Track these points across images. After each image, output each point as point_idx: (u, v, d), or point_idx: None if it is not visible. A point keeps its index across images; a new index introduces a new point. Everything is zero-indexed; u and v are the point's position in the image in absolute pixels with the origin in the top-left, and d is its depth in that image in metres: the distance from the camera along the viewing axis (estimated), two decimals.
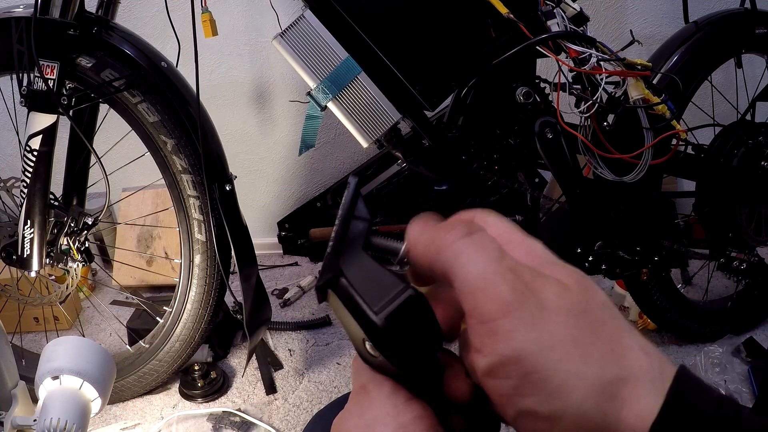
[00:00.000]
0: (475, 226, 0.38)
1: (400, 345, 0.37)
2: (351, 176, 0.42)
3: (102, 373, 1.37)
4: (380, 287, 0.37)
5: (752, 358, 1.82)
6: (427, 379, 0.39)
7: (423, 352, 0.38)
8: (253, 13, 2.22)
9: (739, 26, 1.70)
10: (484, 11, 1.38)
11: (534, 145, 1.49)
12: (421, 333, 0.37)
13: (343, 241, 0.39)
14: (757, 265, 1.79)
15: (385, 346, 0.37)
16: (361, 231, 0.40)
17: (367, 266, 0.38)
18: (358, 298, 0.37)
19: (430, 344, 0.38)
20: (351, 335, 0.40)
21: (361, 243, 0.39)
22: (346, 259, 0.38)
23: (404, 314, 0.36)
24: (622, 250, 1.61)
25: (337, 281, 0.38)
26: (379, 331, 0.36)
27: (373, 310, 0.36)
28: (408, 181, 2.02)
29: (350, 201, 0.41)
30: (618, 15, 2.21)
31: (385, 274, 0.37)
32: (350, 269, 0.38)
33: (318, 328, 2.12)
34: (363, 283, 0.37)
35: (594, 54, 1.39)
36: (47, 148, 1.51)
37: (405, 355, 0.38)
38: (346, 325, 0.39)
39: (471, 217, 0.41)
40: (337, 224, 0.40)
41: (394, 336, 0.36)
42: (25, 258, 1.60)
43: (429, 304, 0.37)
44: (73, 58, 1.50)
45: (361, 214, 0.41)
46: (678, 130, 1.48)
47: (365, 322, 0.37)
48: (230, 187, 1.60)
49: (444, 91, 1.43)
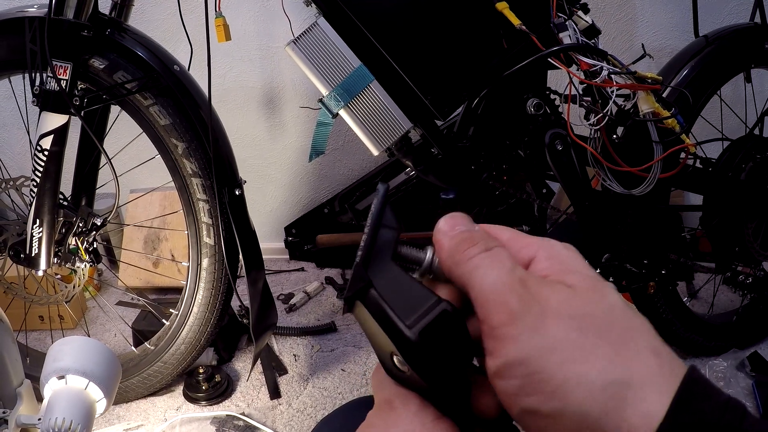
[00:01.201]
0: (493, 241, 0.40)
1: (433, 360, 0.37)
2: (380, 183, 0.41)
3: (108, 374, 1.37)
4: (412, 300, 0.37)
5: (757, 372, 1.81)
6: (456, 394, 0.39)
7: (455, 368, 0.38)
8: (265, 19, 2.22)
9: (749, 41, 1.70)
10: (497, 22, 1.39)
11: (543, 156, 1.49)
12: (453, 348, 0.37)
13: (371, 251, 0.38)
14: (763, 279, 1.79)
15: (417, 360, 0.37)
16: (389, 240, 0.39)
17: (398, 278, 0.38)
18: (390, 311, 0.36)
19: (461, 359, 0.38)
20: (377, 348, 0.39)
21: (390, 253, 0.39)
22: (375, 269, 0.38)
23: (438, 329, 0.36)
24: (630, 262, 1.61)
25: (367, 292, 0.37)
26: (412, 346, 0.36)
27: (405, 324, 0.36)
28: (416, 190, 2.02)
29: (379, 209, 0.40)
30: (629, 28, 2.22)
31: (416, 286, 0.37)
32: (380, 280, 0.37)
33: (323, 334, 2.13)
34: (394, 295, 0.37)
35: (605, 67, 1.39)
36: (58, 148, 1.51)
37: (436, 370, 0.37)
38: (373, 337, 0.39)
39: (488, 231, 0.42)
40: (366, 233, 0.39)
41: (426, 351, 0.36)
42: (33, 257, 1.60)
43: (462, 318, 0.37)
44: (86, 59, 1.50)
45: (389, 222, 0.40)
46: (687, 144, 1.48)
47: (397, 336, 0.36)
48: (240, 191, 1.60)
49: (455, 101, 1.43)
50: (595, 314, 0.37)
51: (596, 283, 0.38)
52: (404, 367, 0.38)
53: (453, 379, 0.38)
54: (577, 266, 0.40)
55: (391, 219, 0.40)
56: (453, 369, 0.38)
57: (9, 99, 2.07)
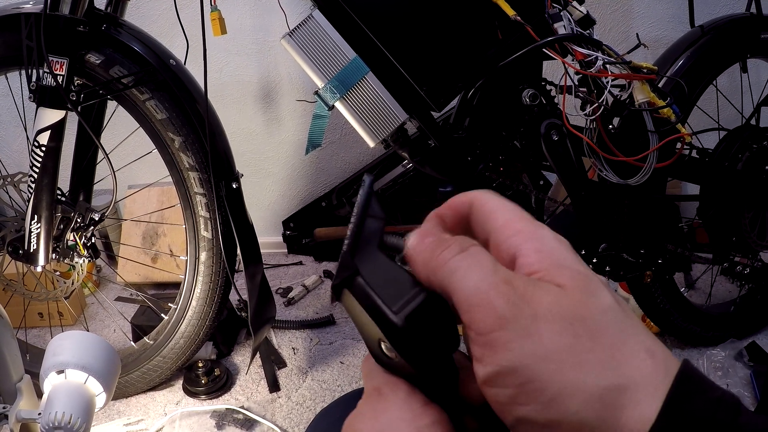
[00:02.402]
0: (468, 240, 0.38)
1: (419, 345, 0.37)
2: (366, 174, 0.41)
3: (107, 368, 1.37)
4: (398, 287, 0.37)
5: (754, 362, 1.82)
6: (444, 379, 0.39)
7: (441, 352, 0.38)
8: (260, 12, 2.22)
9: (745, 31, 1.70)
10: (492, 13, 1.39)
11: (539, 147, 1.49)
12: (439, 333, 0.37)
13: (358, 240, 0.38)
14: (760, 269, 1.79)
15: (403, 346, 0.37)
16: (376, 230, 0.39)
17: (384, 265, 0.38)
18: (376, 298, 0.36)
19: (448, 344, 0.37)
20: (365, 335, 0.39)
21: (377, 242, 0.39)
22: (361, 258, 0.38)
23: (423, 314, 0.36)
24: (626, 252, 1.62)
25: (354, 280, 0.37)
26: (399, 331, 0.36)
27: (392, 310, 0.36)
28: (413, 182, 2.02)
29: (365, 199, 0.40)
30: (624, 18, 2.22)
31: (402, 273, 0.37)
32: (366, 268, 0.37)
33: (322, 327, 2.13)
34: (380, 282, 0.37)
35: (600, 57, 1.39)
36: (55, 143, 1.51)
37: (423, 355, 0.37)
38: (361, 325, 0.39)
39: (469, 200, 0.41)
40: (353, 222, 0.39)
41: (413, 336, 0.36)
42: (32, 253, 1.61)
43: (447, 304, 0.37)
44: (82, 55, 1.50)
45: (375, 212, 0.40)
46: (683, 134, 1.48)
47: (383, 322, 0.36)
48: (237, 184, 1.61)
49: (451, 92, 1.44)
50: (589, 317, 0.35)
51: (588, 282, 0.36)
52: (392, 354, 0.38)
53: (440, 364, 0.38)
54: (567, 261, 0.37)
55: (377, 209, 0.40)
56: (439, 354, 0.38)
57: (6, 95, 2.08)
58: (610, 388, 0.33)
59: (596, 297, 0.36)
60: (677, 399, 0.32)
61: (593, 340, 0.34)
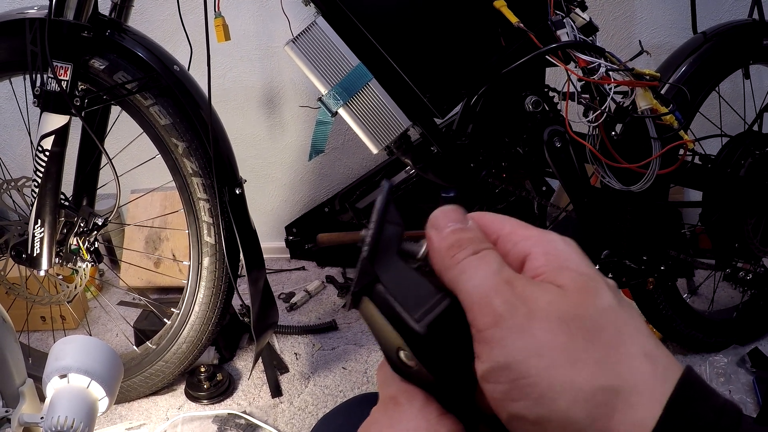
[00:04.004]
0: (483, 243, 0.39)
1: (440, 353, 0.37)
2: (384, 180, 0.41)
3: (110, 372, 1.37)
4: (419, 294, 0.37)
5: (757, 368, 1.82)
6: (462, 388, 0.39)
7: (462, 361, 0.37)
8: (264, 19, 2.23)
9: (747, 37, 1.70)
10: (495, 20, 1.39)
11: (542, 153, 1.49)
12: (460, 341, 0.37)
13: (377, 247, 0.38)
14: (763, 275, 1.79)
15: (425, 354, 0.37)
16: (394, 236, 0.39)
17: (404, 272, 0.38)
18: (397, 305, 0.37)
19: (468, 353, 0.37)
20: (383, 343, 0.39)
21: (396, 249, 0.39)
22: (381, 264, 0.38)
23: (445, 322, 0.36)
24: (629, 259, 1.62)
25: (373, 287, 0.38)
26: (421, 339, 0.36)
27: (413, 318, 0.36)
28: (416, 189, 2.02)
29: (384, 205, 0.40)
30: (627, 25, 2.22)
31: (423, 281, 0.37)
32: (386, 275, 0.38)
33: (324, 332, 2.13)
34: (401, 289, 0.37)
35: (603, 64, 1.39)
36: (59, 148, 1.52)
37: (444, 363, 0.37)
38: (379, 332, 0.39)
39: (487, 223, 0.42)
40: (372, 229, 0.39)
41: (434, 344, 0.36)
42: (35, 257, 1.61)
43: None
44: (86, 60, 1.51)
45: (393, 219, 0.40)
46: (685, 141, 1.48)
47: (404, 330, 0.36)
48: (240, 190, 1.61)
49: (454, 98, 1.44)
50: (585, 316, 0.35)
51: (589, 283, 0.37)
52: (411, 362, 0.38)
53: (459, 373, 0.38)
54: (573, 263, 0.38)
55: (396, 215, 0.40)
56: (460, 362, 0.38)
57: (10, 100, 2.08)
58: (602, 389, 0.33)
59: (595, 297, 0.36)
60: (679, 405, 0.32)
61: (588, 339, 0.35)
